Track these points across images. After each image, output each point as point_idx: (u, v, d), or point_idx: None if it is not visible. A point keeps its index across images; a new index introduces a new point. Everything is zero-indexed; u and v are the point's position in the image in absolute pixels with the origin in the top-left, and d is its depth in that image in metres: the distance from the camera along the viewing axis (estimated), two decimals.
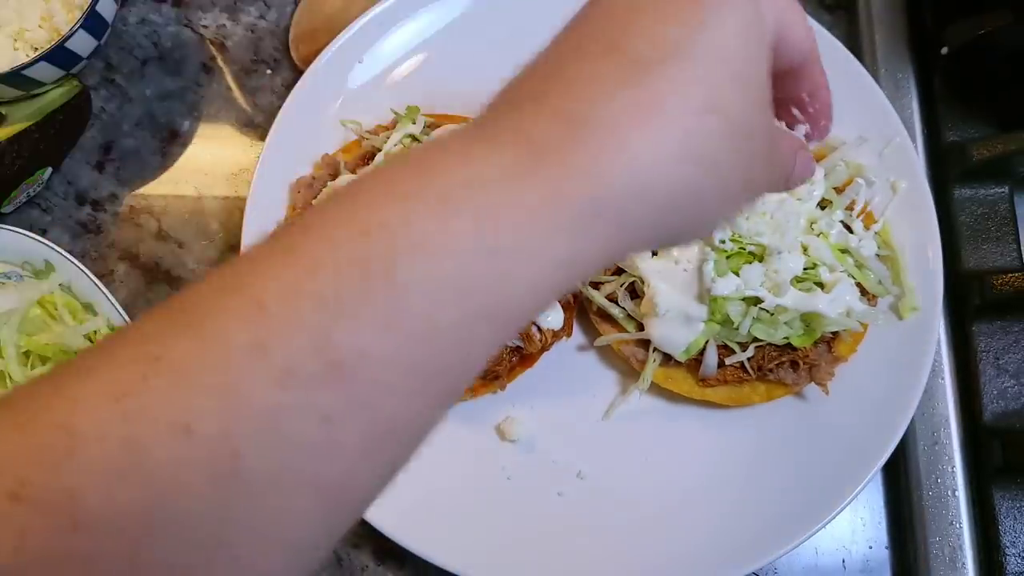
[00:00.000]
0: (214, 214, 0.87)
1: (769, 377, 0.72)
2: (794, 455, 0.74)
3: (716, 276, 0.69)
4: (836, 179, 0.76)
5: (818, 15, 0.90)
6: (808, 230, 0.72)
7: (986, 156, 0.79)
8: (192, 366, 0.26)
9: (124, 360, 0.27)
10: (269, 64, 0.91)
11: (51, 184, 0.87)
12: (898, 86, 0.87)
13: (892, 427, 0.72)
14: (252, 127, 0.89)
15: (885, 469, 0.72)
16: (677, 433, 0.76)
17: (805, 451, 0.74)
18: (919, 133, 0.86)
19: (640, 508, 0.73)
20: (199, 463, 0.25)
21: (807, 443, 0.74)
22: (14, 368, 0.71)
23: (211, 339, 0.26)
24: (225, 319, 0.27)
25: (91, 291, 0.75)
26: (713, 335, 0.71)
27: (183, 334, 0.27)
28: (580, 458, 0.75)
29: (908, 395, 0.73)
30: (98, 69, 0.90)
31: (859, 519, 0.78)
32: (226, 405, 0.26)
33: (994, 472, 0.75)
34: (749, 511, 0.72)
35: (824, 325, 0.71)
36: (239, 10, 0.93)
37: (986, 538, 0.74)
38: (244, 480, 0.26)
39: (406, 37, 0.84)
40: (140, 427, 0.25)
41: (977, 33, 0.81)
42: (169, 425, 0.25)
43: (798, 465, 0.73)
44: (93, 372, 0.27)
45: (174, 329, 0.27)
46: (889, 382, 0.74)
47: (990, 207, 0.81)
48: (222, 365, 0.26)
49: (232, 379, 0.26)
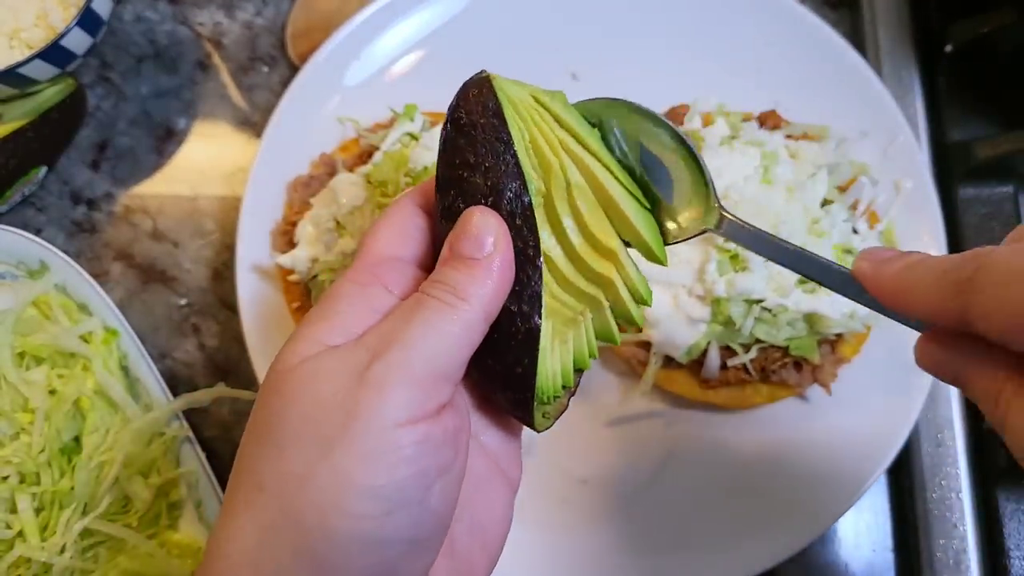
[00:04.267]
0: (210, 213, 0.86)
1: (772, 379, 0.72)
2: (797, 457, 0.73)
3: (719, 277, 0.68)
4: (840, 178, 0.75)
5: (822, 12, 0.89)
6: (811, 230, 0.71)
7: (991, 155, 0.79)
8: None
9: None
10: (266, 62, 0.91)
11: (46, 183, 0.86)
12: (902, 84, 0.86)
13: (896, 429, 0.71)
14: (248, 125, 0.89)
15: (889, 472, 0.71)
16: (679, 436, 0.75)
17: (808, 453, 0.73)
18: (923, 132, 0.85)
19: (643, 512, 0.73)
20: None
21: (810, 445, 0.73)
22: (9, 369, 0.70)
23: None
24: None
25: (86, 291, 0.74)
26: (715, 336, 0.70)
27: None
28: (583, 464, 0.74)
29: (912, 397, 0.72)
30: (93, 67, 0.90)
31: (863, 522, 0.77)
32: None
33: (999, 474, 0.74)
34: (752, 514, 0.72)
35: (827, 326, 0.70)
36: (235, 7, 0.92)
37: (990, 541, 0.73)
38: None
39: (403, 34, 0.83)
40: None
41: (981, 31, 0.81)
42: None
43: (801, 468, 0.73)
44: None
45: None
46: (893, 384, 0.73)
47: (995, 206, 0.81)
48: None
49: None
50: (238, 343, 0.80)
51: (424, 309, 0.38)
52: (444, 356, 0.37)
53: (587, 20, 0.84)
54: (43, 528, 0.70)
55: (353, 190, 0.72)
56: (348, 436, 0.35)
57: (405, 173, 0.73)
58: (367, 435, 0.35)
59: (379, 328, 0.38)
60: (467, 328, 0.38)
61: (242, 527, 0.36)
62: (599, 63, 0.83)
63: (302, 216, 0.75)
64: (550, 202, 0.42)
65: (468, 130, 0.42)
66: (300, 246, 0.74)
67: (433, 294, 0.39)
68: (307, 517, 0.35)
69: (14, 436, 0.70)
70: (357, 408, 0.35)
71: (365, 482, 0.35)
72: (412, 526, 0.36)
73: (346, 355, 0.37)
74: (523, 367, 0.41)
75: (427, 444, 0.36)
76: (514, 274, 0.40)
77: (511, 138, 0.41)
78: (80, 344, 0.72)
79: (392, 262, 0.42)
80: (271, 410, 0.37)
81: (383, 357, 0.36)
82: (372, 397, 0.35)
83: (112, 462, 0.70)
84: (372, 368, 0.36)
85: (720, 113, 0.76)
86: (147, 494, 0.71)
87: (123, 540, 0.70)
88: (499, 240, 0.40)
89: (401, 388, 0.36)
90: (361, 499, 0.35)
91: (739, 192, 0.69)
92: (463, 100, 0.42)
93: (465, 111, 0.42)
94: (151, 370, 0.73)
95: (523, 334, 0.40)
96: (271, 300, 0.76)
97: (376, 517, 0.35)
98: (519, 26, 0.84)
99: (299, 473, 0.35)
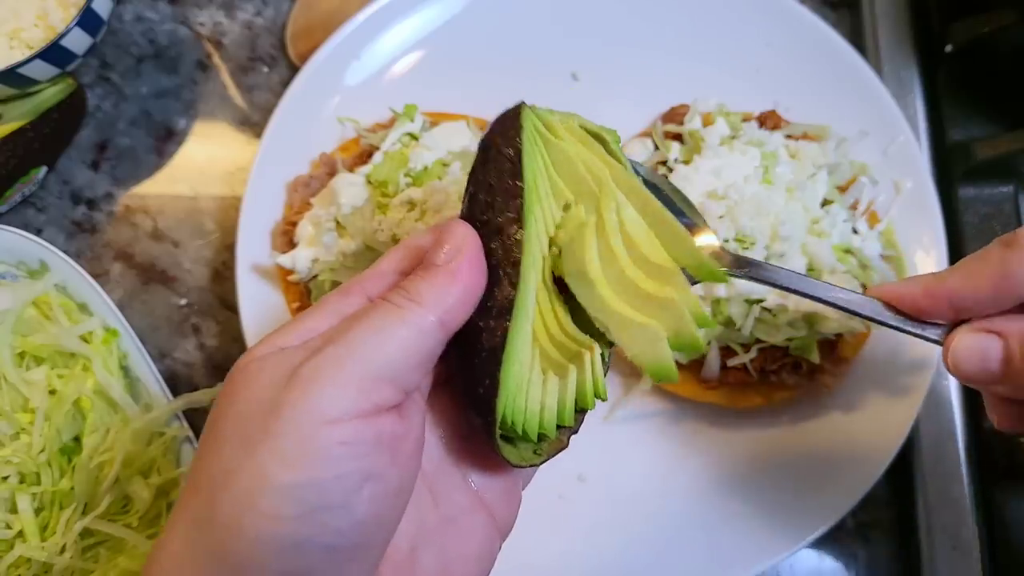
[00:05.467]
0: (210, 213, 0.86)
1: (771, 379, 0.72)
2: (797, 457, 0.73)
3: None
4: (840, 178, 0.75)
5: (822, 12, 0.89)
6: (811, 230, 0.71)
7: (991, 155, 0.79)
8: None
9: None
10: (266, 61, 0.91)
11: (46, 183, 0.86)
12: (902, 84, 0.86)
13: (897, 429, 0.71)
14: (249, 125, 0.89)
15: (890, 471, 0.71)
16: (679, 435, 0.75)
17: (808, 453, 0.73)
18: (923, 132, 0.85)
19: (641, 511, 0.73)
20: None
21: (810, 445, 0.73)
22: (9, 369, 0.70)
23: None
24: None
25: (86, 291, 0.74)
26: (715, 336, 0.70)
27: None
28: (581, 461, 0.74)
29: (912, 397, 0.72)
30: (93, 67, 0.90)
31: (863, 522, 0.77)
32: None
33: (1000, 474, 0.74)
34: (752, 513, 0.72)
35: (827, 326, 0.70)
36: (235, 7, 0.92)
37: (991, 541, 0.73)
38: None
39: (404, 34, 0.83)
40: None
41: (981, 31, 0.81)
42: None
43: (801, 467, 0.73)
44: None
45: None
46: (893, 384, 0.73)
47: (995, 206, 0.81)
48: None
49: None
50: (238, 343, 0.80)
51: (374, 311, 0.37)
52: (386, 358, 0.36)
53: (587, 20, 0.84)
54: (43, 528, 0.70)
55: (353, 190, 0.72)
56: (271, 433, 0.34)
57: (405, 173, 0.73)
58: (289, 432, 0.34)
59: (328, 330, 0.38)
60: (418, 332, 0.37)
61: (175, 528, 0.36)
62: (599, 63, 0.83)
63: (302, 216, 0.75)
64: (600, 226, 0.40)
65: (488, 153, 0.42)
66: (300, 246, 0.74)
67: (388, 298, 0.38)
68: (225, 517, 0.34)
69: (14, 436, 0.70)
70: (281, 405, 0.34)
71: (283, 480, 0.33)
72: (332, 532, 0.34)
73: (288, 354, 0.37)
74: (484, 388, 0.39)
75: (355, 446, 0.34)
76: (482, 286, 0.39)
77: (522, 168, 0.40)
78: (80, 344, 0.72)
79: (383, 274, 0.41)
80: (217, 411, 0.37)
81: (317, 355, 0.36)
82: (297, 394, 0.34)
83: (112, 462, 0.70)
84: (304, 365, 0.35)
85: (720, 113, 0.76)
86: (147, 494, 0.71)
87: (123, 540, 0.70)
88: (464, 249, 0.39)
89: (330, 385, 0.35)
90: (278, 498, 0.33)
91: (739, 192, 0.69)
92: (495, 123, 0.43)
93: (491, 135, 0.42)
94: (151, 370, 0.73)
95: (487, 352, 0.39)
96: (271, 300, 0.76)
97: (292, 519, 0.33)
98: (519, 26, 0.84)
99: (224, 472, 0.34)
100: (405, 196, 0.71)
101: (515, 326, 0.39)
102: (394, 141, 0.75)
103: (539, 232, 0.41)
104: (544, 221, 0.41)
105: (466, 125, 0.77)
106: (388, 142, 0.75)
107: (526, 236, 0.40)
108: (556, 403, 0.41)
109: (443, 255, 0.39)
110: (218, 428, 0.36)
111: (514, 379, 0.39)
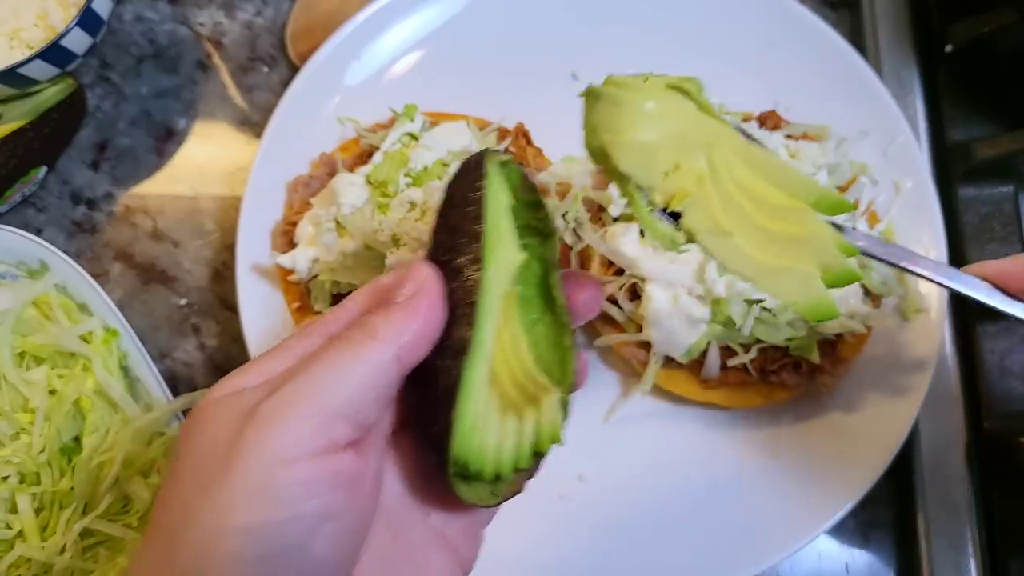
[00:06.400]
0: (210, 213, 0.86)
1: (771, 379, 0.72)
2: (797, 458, 0.73)
3: (719, 277, 0.68)
4: (840, 178, 0.75)
5: (822, 12, 0.89)
6: None
7: (991, 155, 0.79)
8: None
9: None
10: (266, 61, 0.91)
11: (46, 183, 0.86)
12: (902, 84, 0.86)
13: (897, 429, 0.71)
14: (249, 125, 0.89)
15: (889, 472, 0.71)
16: (678, 435, 0.75)
17: (808, 454, 0.73)
18: (923, 132, 0.85)
19: (641, 511, 0.73)
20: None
21: (810, 446, 0.73)
22: (9, 369, 0.70)
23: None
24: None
25: (86, 291, 0.74)
26: (715, 337, 0.70)
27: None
28: (581, 461, 0.74)
29: (913, 397, 0.72)
30: (93, 67, 0.90)
31: (863, 522, 0.77)
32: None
33: (999, 475, 0.74)
34: (751, 514, 0.72)
35: (827, 326, 0.70)
36: (235, 7, 0.92)
37: (990, 542, 0.73)
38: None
39: (404, 34, 0.83)
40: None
41: (981, 31, 0.81)
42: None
43: (801, 468, 0.73)
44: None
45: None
46: (893, 384, 0.73)
47: (995, 206, 0.80)
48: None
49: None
50: (238, 343, 0.80)
51: (331, 348, 0.37)
52: (342, 394, 0.36)
53: (587, 20, 0.84)
54: (43, 528, 0.70)
55: (353, 190, 0.72)
56: (230, 474, 0.34)
57: (405, 173, 0.73)
58: (247, 473, 0.34)
59: (286, 370, 0.38)
60: (374, 368, 0.37)
61: (138, 566, 0.36)
62: (599, 63, 0.83)
63: (302, 216, 0.75)
64: (715, 179, 0.39)
65: (452, 197, 0.43)
66: (300, 246, 0.74)
67: (345, 335, 0.38)
68: (186, 559, 0.34)
69: (14, 436, 0.70)
70: (239, 446, 0.34)
71: (240, 522, 0.33)
72: (293, 572, 0.34)
73: (247, 395, 0.37)
74: (438, 426, 0.39)
75: (312, 485, 0.34)
76: (440, 324, 0.40)
77: (484, 212, 0.41)
78: (80, 344, 0.72)
79: (347, 312, 0.41)
80: (177, 451, 0.37)
81: (274, 394, 0.36)
82: (254, 435, 0.34)
83: (112, 462, 0.70)
84: (261, 405, 0.35)
85: None
86: (147, 494, 0.71)
87: (123, 540, 0.70)
88: (425, 287, 0.39)
89: (286, 424, 0.35)
90: (237, 540, 0.33)
91: None
92: (460, 167, 0.44)
93: (455, 179, 0.43)
94: (151, 370, 0.73)
95: (442, 390, 0.39)
96: (271, 300, 0.76)
97: (253, 561, 0.33)
98: (519, 26, 0.84)
99: (185, 513, 0.34)
100: (405, 196, 0.71)
101: (470, 365, 0.39)
102: (394, 141, 0.75)
103: (498, 273, 0.41)
104: (507, 262, 0.41)
105: (466, 125, 0.77)
106: (388, 142, 0.75)
107: (484, 278, 0.40)
108: (513, 445, 0.40)
109: (403, 293, 0.39)
110: (178, 469, 0.36)
111: (468, 418, 0.39)
